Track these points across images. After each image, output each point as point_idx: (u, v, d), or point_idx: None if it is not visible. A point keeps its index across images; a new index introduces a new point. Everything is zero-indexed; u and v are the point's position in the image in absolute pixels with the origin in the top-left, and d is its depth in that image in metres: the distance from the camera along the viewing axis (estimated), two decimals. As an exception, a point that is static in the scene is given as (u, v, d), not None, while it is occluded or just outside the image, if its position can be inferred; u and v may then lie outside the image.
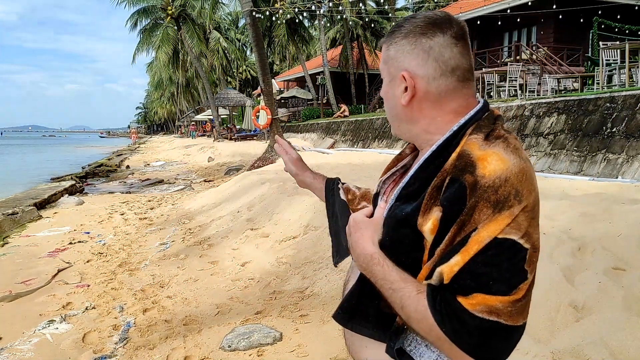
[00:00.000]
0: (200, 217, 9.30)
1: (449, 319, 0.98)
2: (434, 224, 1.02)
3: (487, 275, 0.97)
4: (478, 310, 0.96)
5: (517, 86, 14.16)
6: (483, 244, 0.97)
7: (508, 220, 0.97)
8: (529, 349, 3.01)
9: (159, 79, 62.73)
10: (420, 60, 1.12)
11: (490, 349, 0.98)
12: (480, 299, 0.96)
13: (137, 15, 37.50)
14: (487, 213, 0.97)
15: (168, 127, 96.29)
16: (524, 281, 1.00)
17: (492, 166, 0.99)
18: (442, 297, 0.99)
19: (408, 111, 1.17)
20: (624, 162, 7.87)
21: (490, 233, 0.97)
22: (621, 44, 11.82)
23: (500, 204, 0.97)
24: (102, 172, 23.28)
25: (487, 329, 0.96)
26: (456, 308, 0.97)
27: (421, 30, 1.13)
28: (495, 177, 0.98)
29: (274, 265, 5.88)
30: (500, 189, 0.98)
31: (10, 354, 4.10)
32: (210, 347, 3.99)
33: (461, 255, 0.98)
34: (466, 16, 22.15)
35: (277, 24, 31.54)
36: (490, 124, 1.10)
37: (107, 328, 4.53)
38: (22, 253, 7.38)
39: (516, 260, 0.99)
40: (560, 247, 4.11)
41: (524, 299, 1.01)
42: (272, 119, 16.82)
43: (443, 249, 1.01)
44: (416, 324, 1.04)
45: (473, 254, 0.97)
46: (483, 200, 0.97)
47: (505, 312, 0.97)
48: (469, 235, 0.98)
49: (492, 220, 0.97)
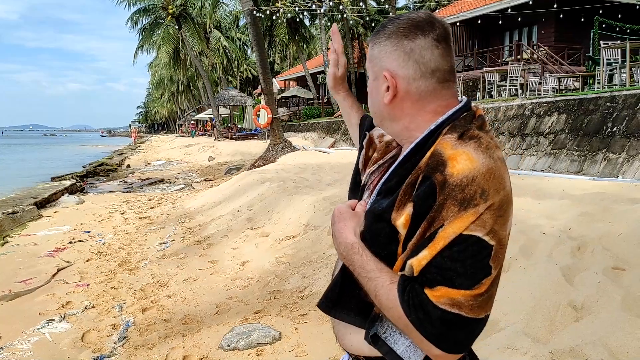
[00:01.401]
0: (200, 217, 9.30)
1: (415, 309, 1.03)
2: (406, 219, 1.07)
3: (451, 270, 1.02)
4: (441, 302, 1.01)
5: (518, 85, 14.13)
6: (449, 239, 1.02)
7: (473, 217, 1.02)
8: (528, 349, 3.00)
9: (159, 78, 62.71)
10: (402, 61, 1.17)
11: (451, 339, 1.03)
12: (444, 291, 1.01)
13: (138, 14, 37.51)
14: (454, 210, 1.02)
15: (169, 126, 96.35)
16: (487, 276, 1.04)
17: (461, 165, 1.04)
18: (410, 288, 1.04)
19: (390, 109, 1.21)
20: (625, 162, 7.86)
21: (455, 230, 1.01)
22: (622, 43, 11.80)
23: (466, 202, 1.02)
24: (103, 172, 23.27)
25: (448, 321, 1.01)
26: (422, 299, 1.02)
27: (403, 32, 1.17)
28: (462, 176, 1.03)
29: (273, 265, 5.87)
30: (467, 187, 1.02)
31: (10, 353, 4.10)
32: (209, 347, 3.99)
33: (429, 249, 1.03)
34: (467, 15, 22.15)
35: (278, 23, 31.58)
36: (465, 124, 1.14)
37: (107, 327, 4.53)
38: (22, 252, 7.39)
39: (481, 257, 1.03)
40: (559, 247, 4.10)
41: (487, 293, 1.05)
42: (273, 118, 16.81)
43: (414, 243, 1.06)
44: (387, 312, 1.09)
45: (439, 249, 1.02)
46: (450, 199, 1.02)
47: (466, 305, 1.01)
48: (436, 231, 1.03)
49: (458, 218, 1.01)
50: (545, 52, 18.33)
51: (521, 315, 3.32)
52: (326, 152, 16.36)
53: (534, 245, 4.24)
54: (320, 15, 29.57)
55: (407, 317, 1.04)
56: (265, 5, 27.12)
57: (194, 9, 35.37)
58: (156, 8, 36.90)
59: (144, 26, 38.08)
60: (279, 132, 16.83)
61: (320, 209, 7.09)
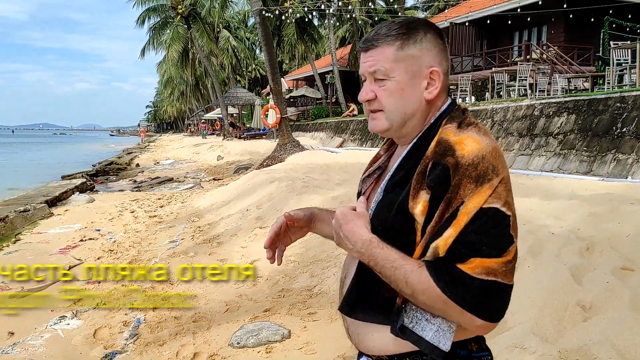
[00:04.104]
0: (210, 215, 9.35)
1: (453, 284, 1.08)
2: (423, 206, 1.14)
3: (479, 242, 1.08)
4: (477, 272, 1.07)
5: (527, 86, 14.06)
6: (471, 214, 1.09)
7: (489, 191, 1.10)
8: (536, 348, 3.01)
9: (168, 77, 62.91)
10: (440, 58, 1.26)
11: (490, 306, 1.09)
12: (478, 262, 1.08)
13: (147, 13, 37.66)
14: (471, 187, 1.09)
15: (177, 125, 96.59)
16: (511, 244, 1.11)
17: (469, 147, 1.13)
18: (442, 266, 1.09)
19: (426, 105, 1.27)
20: (634, 163, 7.83)
21: (475, 204, 1.09)
22: (632, 43, 11.75)
23: (481, 178, 1.10)
24: (113, 170, 23.41)
25: (486, 288, 1.08)
26: (457, 274, 1.08)
27: (437, 32, 1.27)
28: (473, 155, 1.11)
29: (282, 264, 5.90)
30: (479, 165, 1.10)
31: (23, 349, 4.17)
32: (219, 344, 4.03)
33: (453, 227, 1.09)
34: (476, 15, 22.07)
35: (287, 23, 31.57)
36: (460, 115, 1.24)
37: (118, 324, 4.59)
38: (33, 250, 7.46)
39: (502, 227, 1.11)
40: (568, 247, 4.11)
41: (514, 260, 1.12)
42: (281, 118, 16.84)
43: (433, 227, 1.12)
44: (421, 295, 1.12)
45: (464, 224, 1.09)
46: (466, 177, 1.10)
47: (500, 271, 1.08)
48: (457, 210, 1.09)
49: (476, 193, 1.09)
50: (554, 52, 18.24)
51: (529, 314, 3.34)
52: (334, 152, 16.37)
53: (543, 245, 4.25)
54: (329, 15, 29.58)
55: (445, 293, 1.08)
56: (274, 5, 27.16)
57: (203, 9, 35.46)
58: (165, 8, 37.04)
59: (153, 25, 38.23)
60: (287, 131, 16.85)
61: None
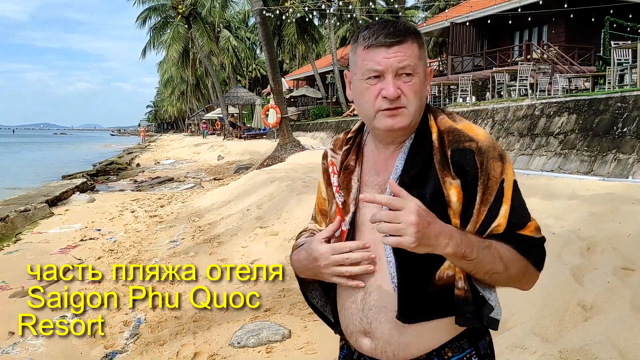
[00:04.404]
0: (210, 215, 9.35)
1: (530, 249, 1.23)
2: (457, 191, 1.22)
3: (523, 208, 1.25)
4: (535, 232, 1.25)
5: (528, 85, 14.04)
6: (511, 187, 1.24)
7: (511, 166, 1.26)
8: (537, 348, 3.01)
9: (168, 77, 62.90)
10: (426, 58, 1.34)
11: (544, 260, 1.28)
12: (532, 223, 1.25)
13: (147, 12, 37.64)
14: (499, 165, 1.22)
15: (178, 125, 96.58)
16: None
17: (479, 132, 1.25)
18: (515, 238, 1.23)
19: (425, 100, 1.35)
20: (635, 162, 7.82)
21: (510, 177, 1.24)
22: (633, 43, 11.73)
23: (502, 157, 1.24)
24: (113, 170, 23.42)
25: (543, 244, 1.27)
26: (525, 239, 1.23)
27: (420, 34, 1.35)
28: (488, 139, 1.24)
29: (283, 263, 5.90)
30: (495, 145, 1.24)
31: (23, 349, 4.18)
32: (219, 344, 4.03)
33: (505, 203, 1.22)
34: (476, 15, 22.06)
35: (287, 22, 31.56)
36: (435, 108, 1.34)
37: (118, 324, 4.59)
38: (34, 249, 7.47)
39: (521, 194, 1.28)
40: (569, 247, 4.10)
41: None
42: (282, 118, 16.84)
43: (479, 210, 1.22)
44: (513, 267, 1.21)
45: (511, 198, 1.23)
46: (491, 158, 1.22)
47: (539, 228, 1.27)
48: (501, 187, 1.22)
49: (506, 169, 1.23)
50: (555, 52, 18.24)
51: (530, 314, 3.34)
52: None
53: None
54: (330, 15, 29.58)
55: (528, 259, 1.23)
56: (275, 5, 27.16)
57: (204, 9, 35.44)
58: (166, 7, 37.02)
59: (154, 25, 38.22)
60: (287, 131, 16.85)
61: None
